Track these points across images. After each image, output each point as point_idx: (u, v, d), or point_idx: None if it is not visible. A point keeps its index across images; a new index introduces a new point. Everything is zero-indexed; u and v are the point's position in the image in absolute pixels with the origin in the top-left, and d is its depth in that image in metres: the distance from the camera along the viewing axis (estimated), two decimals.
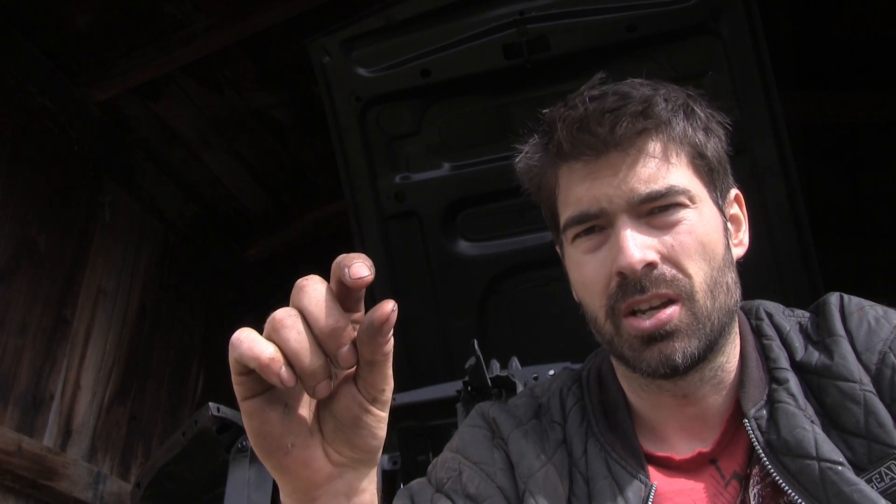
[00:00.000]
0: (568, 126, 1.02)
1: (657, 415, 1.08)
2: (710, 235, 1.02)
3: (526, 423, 1.13)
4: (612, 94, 1.03)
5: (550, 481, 1.05)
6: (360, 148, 2.60)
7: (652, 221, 1.01)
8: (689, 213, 1.01)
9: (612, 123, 1.00)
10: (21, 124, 3.14)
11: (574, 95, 1.06)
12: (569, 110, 1.04)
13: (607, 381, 1.14)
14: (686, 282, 0.99)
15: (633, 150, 1.01)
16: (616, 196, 1.00)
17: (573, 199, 1.04)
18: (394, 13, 2.41)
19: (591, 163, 1.02)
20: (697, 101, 1.08)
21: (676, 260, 0.99)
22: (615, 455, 1.04)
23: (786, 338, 1.07)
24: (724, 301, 1.02)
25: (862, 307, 1.06)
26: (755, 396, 1.02)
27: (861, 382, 0.98)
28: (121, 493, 3.34)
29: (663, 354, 0.98)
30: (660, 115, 1.02)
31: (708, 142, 1.06)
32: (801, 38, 3.42)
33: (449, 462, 1.12)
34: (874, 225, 4.21)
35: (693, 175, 1.04)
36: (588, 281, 1.04)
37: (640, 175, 1.00)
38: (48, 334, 3.16)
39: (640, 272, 0.98)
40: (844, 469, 0.92)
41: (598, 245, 1.03)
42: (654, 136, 1.02)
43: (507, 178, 2.60)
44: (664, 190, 1.00)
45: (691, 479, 1.02)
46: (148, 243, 3.82)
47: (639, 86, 1.05)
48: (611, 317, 1.01)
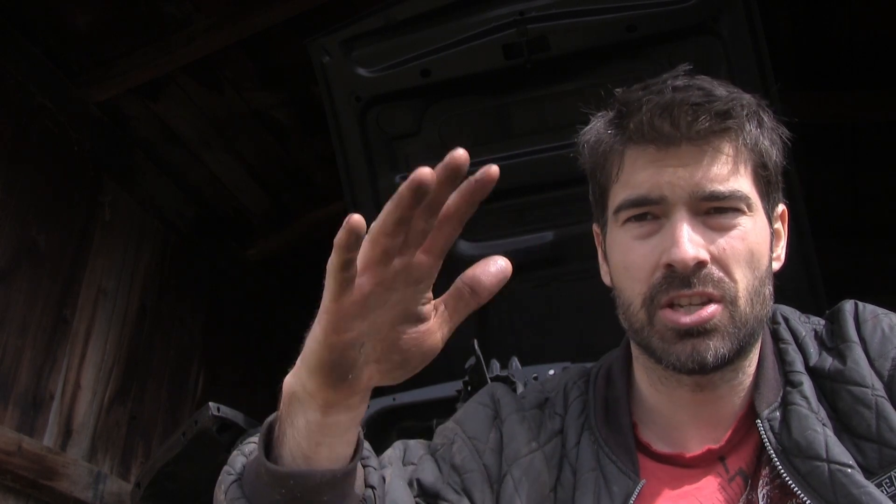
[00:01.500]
0: (650, 110, 1.01)
1: (672, 410, 1.09)
2: (759, 245, 1.03)
3: (526, 410, 1.15)
4: (696, 88, 1.02)
5: (535, 468, 1.06)
6: (360, 148, 2.60)
7: (708, 221, 1.01)
8: (744, 220, 1.02)
9: (695, 117, 1.00)
10: (21, 124, 3.14)
11: (656, 81, 1.05)
12: (652, 94, 1.03)
13: (615, 377, 1.15)
14: (731, 286, 0.99)
15: (706, 147, 1.01)
16: (679, 187, 1.00)
17: (634, 182, 1.03)
18: (394, 13, 2.41)
19: (662, 150, 1.01)
20: (766, 111, 1.09)
21: (725, 263, 1.00)
22: (607, 449, 1.05)
23: (801, 342, 1.08)
24: (759, 311, 1.03)
25: (876, 315, 1.07)
26: (769, 398, 1.03)
27: (873, 388, 0.99)
28: (121, 493, 3.34)
29: (696, 350, 0.98)
30: (739, 118, 1.02)
31: (772, 152, 1.07)
32: (801, 38, 3.42)
33: (447, 431, 1.15)
34: (874, 225, 4.21)
35: (754, 184, 1.04)
36: (632, 266, 1.04)
37: (707, 172, 1.00)
38: (48, 334, 3.16)
39: (691, 268, 0.98)
40: (854, 472, 0.93)
41: (649, 233, 1.03)
42: (729, 138, 1.02)
43: (508, 177, 2.60)
44: (727, 192, 1.00)
45: (696, 476, 1.03)
46: (148, 243, 3.82)
47: (718, 85, 1.05)
48: (647, 306, 1.01)
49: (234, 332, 4.40)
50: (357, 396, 0.79)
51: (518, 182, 2.60)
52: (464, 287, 0.77)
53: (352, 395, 0.78)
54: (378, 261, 0.71)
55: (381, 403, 2.36)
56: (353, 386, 0.77)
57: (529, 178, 2.53)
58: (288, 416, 0.81)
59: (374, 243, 0.71)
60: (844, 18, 3.33)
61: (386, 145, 2.62)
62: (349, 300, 0.72)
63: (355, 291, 0.72)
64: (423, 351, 0.78)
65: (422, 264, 0.73)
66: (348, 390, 0.78)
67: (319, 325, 0.75)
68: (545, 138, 2.51)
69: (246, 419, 2.29)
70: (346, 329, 0.74)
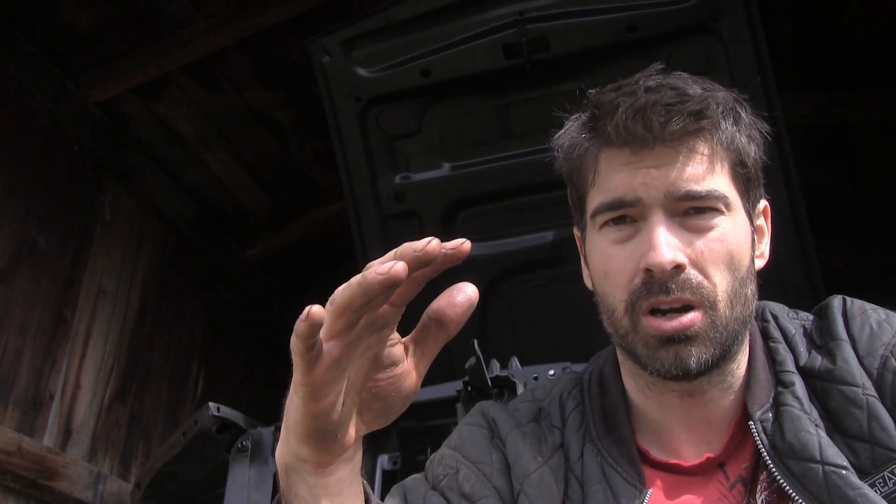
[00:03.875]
0: (623, 112, 1.00)
1: (663, 417, 1.07)
2: (739, 246, 1.01)
3: (525, 425, 1.12)
4: (668, 89, 1.01)
5: (545, 483, 1.04)
6: (360, 148, 2.60)
7: (686, 223, 1.00)
8: (723, 221, 1.00)
9: (668, 118, 0.98)
10: (21, 124, 3.14)
11: (628, 82, 1.04)
12: (624, 96, 1.02)
13: (609, 384, 1.13)
14: (710, 290, 0.98)
15: (681, 148, 0.99)
16: (654, 187, 0.99)
17: (610, 186, 1.02)
18: (394, 13, 2.41)
19: (637, 153, 1.00)
20: (744, 107, 1.07)
21: (703, 267, 0.98)
22: (611, 460, 1.04)
23: (791, 341, 1.07)
24: (741, 312, 1.01)
25: (864, 311, 1.05)
26: (761, 399, 1.02)
27: (864, 387, 0.98)
28: (121, 493, 3.34)
29: (679, 357, 0.97)
30: (713, 117, 1.01)
31: (750, 149, 1.05)
32: (801, 38, 3.42)
33: (446, 459, 1.12)
34: (874, 225, 4.21)
35: (732, 182, 1.03)
36: (612, 272, 1.02)
37: (683, 173, 0.99)
38: (48, 334, 3.16)
39: (668, 273, 0.97)
40: (848, 473, 0.92)
41: (627, 237, 1.02)
42: (704, 138, 1.01)
43: (507, 178, 2.61)
44: (704, 192, 0.99)
45: (697, 485, 1.02)
46: (148, 243, 3.82)
47: (692, 83, 1.04)
48: (630, 312, 1.00)
49: (234, 332, 4.40)
50: (349, 450, 0.79)
51: (518, 182, 2.60)
52: (430, 322, 0.75)
53: (344, 451, 0.78)
54: (343, 330, 0.71)
55: None
56: (342, 443, 0.77)
57: (529, 178, 2.53)
58: (290, 490, 0.80)
59: (338, 316, 0.70)
60: (844, 18, 3.32)
61: (386, 145, 2.62)
62: (321, 369, 0.72)
63: (325, 359, 0.71)
64: (402, 395, 0.77)
65: (385, 314, 0.73)
66: (339, 448, 0.77)
67: (297, 396, 0.74)
68: (545, 138, 2.50)
69: (246, 419, 2.29)
70: (324, 395, 0.73)
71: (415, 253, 0.68)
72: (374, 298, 0.68)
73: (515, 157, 2.58)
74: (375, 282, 0.67)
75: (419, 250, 0.68)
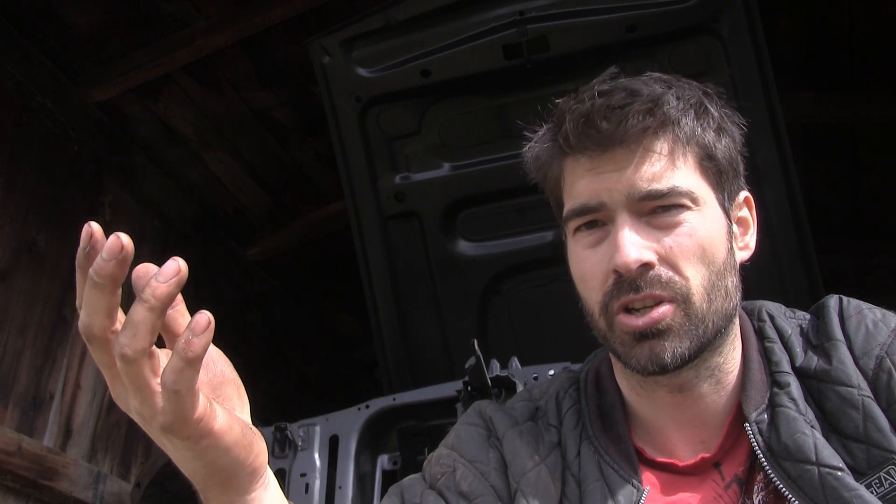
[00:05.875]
0: (574, 119, 1.01)
1: (656, 415, 1.08)
2: (711, 239, 1.01)
3: (521, 424, 1.13)
4: (621, 90, 1.02)
5: (542, 482, 1.05)
6: (360, 148, 2.60)
7: (652, 221, 1.00)
8: (690, 216, 1.00)
9: (618, 120, 0.99)
10: (21, 124, 3.14)
11: (584, 88, 1.05)
12: (577, 104, 1.03)
13: (605, 382, 1.14)
14: (682, 284, 0.98)
15: (638, 148, 1.00)
16: (616, 190, 0.99)
17: (576, 192, 1.04)
18: (394, 13, 2.41)
19: (596, 157, 1.01)
20: (713, 100, 1.07)
21: (674, 262, 0.99)
22: (608, 458, 1.04)
23: (787, 341, 1.07)
24: (720, 305, 1.01)
25: (860, 310, 1.05)
26: (756, 400, 1.02)
27: (859, 387, 0.98)
28: (121, 493, 3.34)
29: (653, 352, 0.98)
30: (668, 113, 1.01)
31: (718, 142, 1.04)
32: (801, 38, 3.42)
33: (443, 458, 1.13)
34: (874, 225, 4.21)
35: (699, 176, 1.03)
36: (587, 276, 1.04)
37: (643, 173, 0.99)
38: (48, 334, 3.16)
39: (635, 272, 0.97)
40: (844, 474, 0.92)
41: (598, 241, 1.03)
42: (660, 135, 1.01)
43: (507, 178, 2.62)
44: (666, 190, 0.99)
45: (693, 485, 1.02)
46: (148, 243, 3.82)
47: (652, 82, 1.04)
48: (605, 314, 1.01)
49: (234, 332, 4.40)
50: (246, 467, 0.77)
51: (518, 182, 2.59)
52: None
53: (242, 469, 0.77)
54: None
55: (381, 403, 2.36)
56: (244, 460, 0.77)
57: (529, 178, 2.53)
58: None
59: None
60: (844, 18, 3.32)
61: (386, 145, 2.62)
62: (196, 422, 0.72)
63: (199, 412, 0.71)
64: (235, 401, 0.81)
65: None
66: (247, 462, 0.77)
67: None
68: None
69: None
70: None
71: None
72: None
73: (515, 157, 2.55)
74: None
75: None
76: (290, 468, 2.30)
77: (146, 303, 0.67)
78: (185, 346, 0.67)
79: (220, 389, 0.80)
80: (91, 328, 0.69)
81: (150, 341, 0.68)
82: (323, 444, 2.31)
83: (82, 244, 0.68)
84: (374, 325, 2.78)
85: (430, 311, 2.75)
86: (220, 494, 0.77)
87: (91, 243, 0.69)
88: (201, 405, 0.71)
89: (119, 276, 0.67)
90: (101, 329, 0.69)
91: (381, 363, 2.82)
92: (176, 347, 0.68)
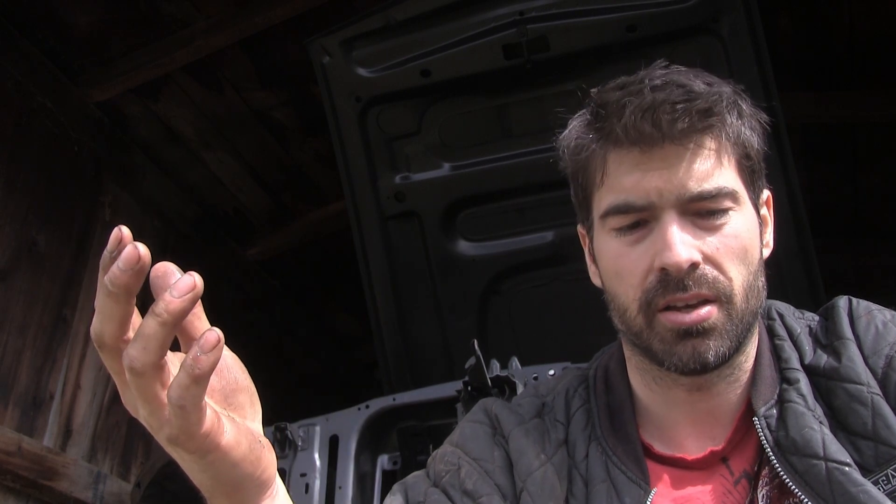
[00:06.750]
0: (632, 112, 0.99)
1: (667, 411, 1.08)
2: (751, 239, 1.02)
3: (528, 422, 1.12)
4: (676, 86, 1.01)
5: (548, 481, 1.04)
6: (360, 148, 2.60)
7: (698, 221, 1.00)
8: (734, 216, 1.01)
9: (676, 117, 0.98)
10: (21, 124, 3.14)
11: (633, 80, 1.03)
12: (631, 96, 1.01)
13: (614, 380, 1.14)
14: (726, 284, 0.99)
15: (690, 146, 0.99)
16: (667, 191, 0.99)
17: (620, 187, 1.02)
18: (394, 13, 2.41)
19: (646, 153, 1.00)
20: (744, 98, 1.07)
21: (719, 262, 0.99)
22: (615, 459, 1.04)
23: (796, 339, 1.08)
24: (755, 304, 1.02)
25: (870, 311, 1.06)
26: (766, 395, 1.02)
27: (868, 385, 0.99)
28: (121, 493, 3.34)
29: (697, 351, 0.98)
30: (721, 113, 1.01)
31: (753, 141, 1.05)
32: (801, 38, 3.42)
33: (448, 456, 1.12)
34: (874, 225, 4.21)
35: (738, 176, 1.03)
36: (623, 272, 1.02)
37: (693, 172, 0.99)
38: (48, 334, 3.16)
39: (684, 271, 0.97)
40: (851, 470, 0.93)
41: (639, 238, 1.02)
42: (712, 134, 1.01)
43: (507, 178, 2.61)
44: (714, 191, 0.99)
45: (701, 479, 1.02)
46: (148, 243, 3.77)
47: (693, 78, 1.03)
48: (644, 311, 1.00)
49: (234, 333, 4.40)
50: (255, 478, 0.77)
51: (518, 182, 2.60)
52: None
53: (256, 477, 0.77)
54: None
55: (381, 403, 2.36)
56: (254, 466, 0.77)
57: (529, 178, 2.54)
58: None
59: None
60: (844, 18, 3.32)
61: (386, 145, 2.62)
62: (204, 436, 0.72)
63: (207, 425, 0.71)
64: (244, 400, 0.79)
65: None
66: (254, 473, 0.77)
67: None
68: (545, 138, 2.51)
69: None
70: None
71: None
72: None
73: (515, 157, 2.58)
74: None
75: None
76: (290, 468, 2.30)
77: (158, 317, 0.65)
78: (192, 362, 0.66)
79: (233, 397, 0.78)
80: (102, 336, 0.68)
81: (160, 356, 0.67)
82: (323, 444, 2.31)
83: (109, 247, 0.66)
84: (374, 325, 2.78)
85: (430, 311, 2.75)
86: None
87: (119, 248, 0.67)
88: (208, 420, 0.70)
89: (134, 287, 0.66)
90: (113, 338, 0.68)
91: (381, 363, 2.82)
92: (184, 363, 0.66)
